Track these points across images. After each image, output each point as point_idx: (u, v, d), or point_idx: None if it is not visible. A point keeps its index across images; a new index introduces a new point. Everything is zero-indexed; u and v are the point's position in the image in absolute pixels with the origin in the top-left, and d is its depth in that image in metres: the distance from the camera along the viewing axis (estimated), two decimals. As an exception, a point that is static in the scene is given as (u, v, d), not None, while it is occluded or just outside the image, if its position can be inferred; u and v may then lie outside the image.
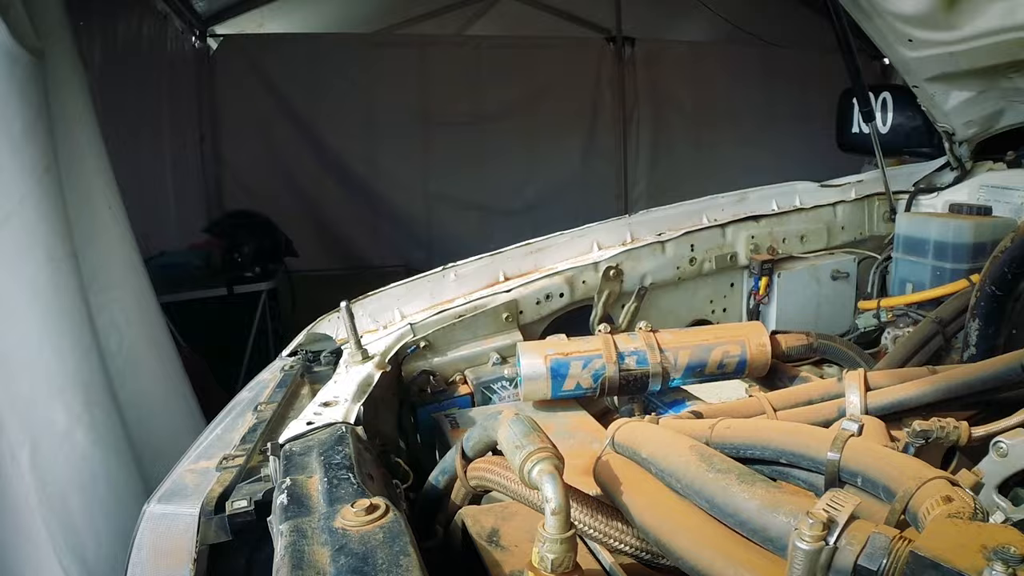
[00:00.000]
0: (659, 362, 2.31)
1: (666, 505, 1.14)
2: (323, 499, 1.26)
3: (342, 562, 1.02)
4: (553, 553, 1.04)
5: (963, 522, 0.97)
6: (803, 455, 1.26)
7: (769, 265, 3.14)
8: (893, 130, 4.00)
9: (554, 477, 1.03)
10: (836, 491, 0.99)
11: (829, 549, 0.91)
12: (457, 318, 2.55)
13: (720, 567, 1.03)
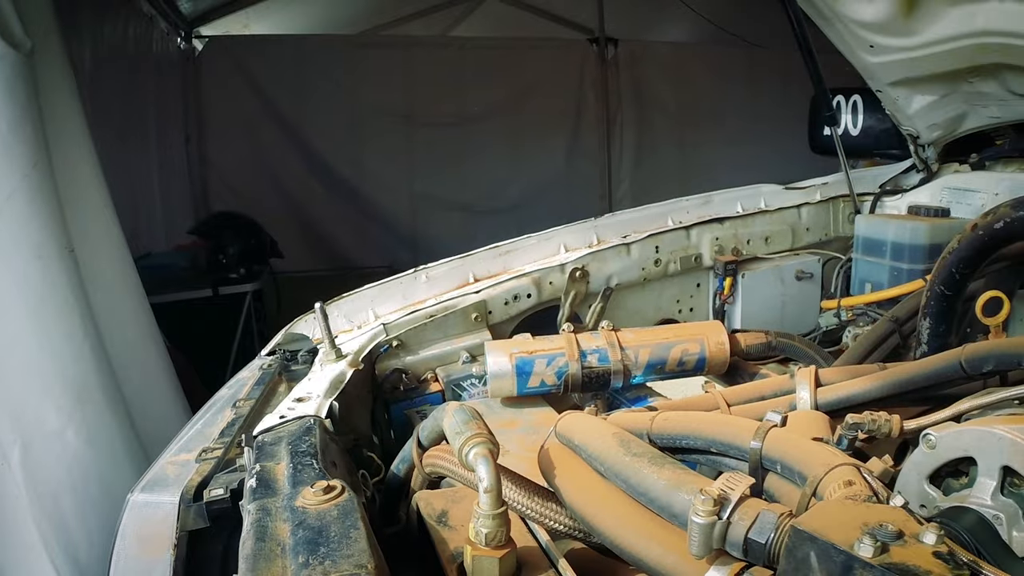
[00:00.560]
0: (620, 360, 2.43)
1: (592, 487, 1.28)
2: (288, 482, 1.40)
3: (300, 535, 1.16)
4: (487, 528, 1.18)
5: (852, 502, 1.11)
6: (731, 444, 1.40)
7: (733, 266, 3.25)
8: (864, 132, 4.09)
9: (487, 460, 1.17)
10: (732, 473, 1.12)
11: (723, 523, 1.04)
12: (428, 318, 2.67)
13: (634, 541, 1.17)
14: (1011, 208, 2.23)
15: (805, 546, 0.96)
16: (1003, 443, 1.42)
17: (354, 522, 1.17)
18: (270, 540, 1.17)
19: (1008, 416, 1.56)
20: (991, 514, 1.40)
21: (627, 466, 1.25)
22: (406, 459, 1.61)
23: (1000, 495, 1.42)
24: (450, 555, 1.28)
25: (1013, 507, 1.41)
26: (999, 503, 1.41)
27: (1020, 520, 1.40)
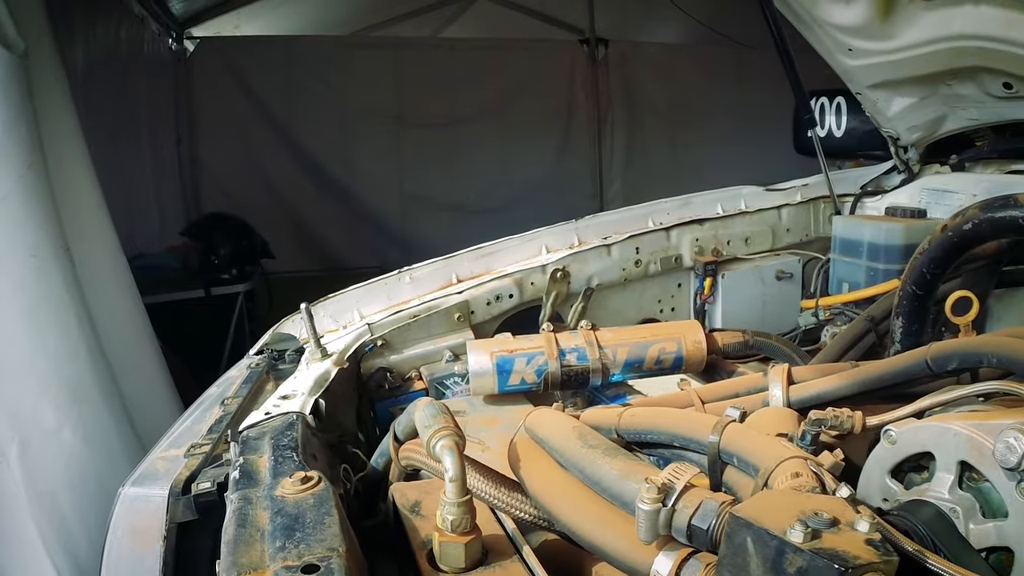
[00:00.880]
0: (598, 358, 2.50)
1: (554, 478, 1.37)
2: (269, 474, 1.49)
3: (278, 522, 1.25)
4: (452, 515, 1.26)
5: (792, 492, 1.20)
6: (691, 439, 1.47)
7: (713, 266, 3.33)
8: (847, 134, 4.18)
9: (452, 451, 1.26)
10: (679, 463, 1.21)
11: (667, 511, 1.12)
12: (412, 318, 2.75)
13: (590, 528, 1.25)
14: (979, 210, 2.26)
15: (742, 532, 1.03)
16: (959, 439, 1.46)
17: (328, 509, 1.26)
18: (250, 526, 1.26)
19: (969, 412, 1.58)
20: (948, 507, 1.45)
21: (583, 457, 1.34)
22: (384, 453, 1.70)
23: (958, 489, 1.47)
24: (420, 542, 1.36)
25: (970, 500, 1.45)
26: (956, 497, 1.46)
27: (977, 513, 1.43)
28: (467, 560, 1.28)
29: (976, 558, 1.37)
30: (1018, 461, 1.32)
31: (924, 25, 2.91)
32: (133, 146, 8.06)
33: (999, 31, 2.73)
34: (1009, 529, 1.38)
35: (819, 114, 4.48)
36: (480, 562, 1.31)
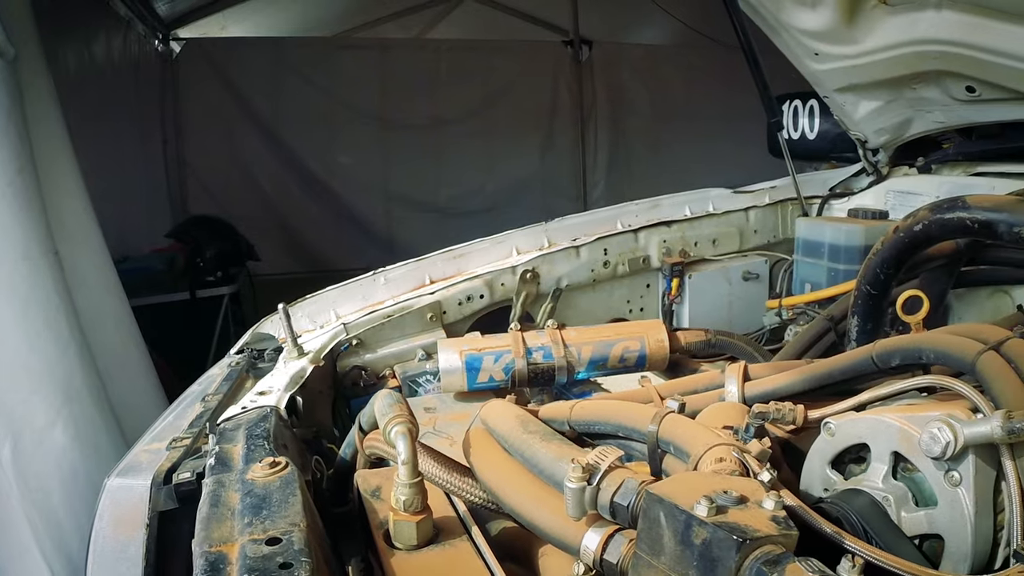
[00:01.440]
0: (564, 356, 2.62)
1: (499, 463, 1.51)
2: (242, 461, 1.63)
3: (247, 501, 1.39)
4: (404, 496, 1.40)
5: (707, 473, 1.33)
6: (633, 428, 1.61)
7: (679, 267, 3.45)
8: (820, 136, 4.29)
9: (405, 436, 1.40)
10: (605, 446, 1.35)
11: (592, 489, 1.26)
12: (386, 318, 2.87)
13: (528, 508, 1.39)
14: (929, 211, 2.31)
15: (656, 507, 1.15)
16: (892, 430, 1.55)
17: (293, 490, 1.40)
18: (222, 506, 1.40)
19: (906, 405, 1.67)
20: (881, 496, 1.53)
21: (523, 443, 1.48)
22: (351, 444, 1.83)
23: (891, 479, 1.55)
24: (378, 523, 1.50)
25: (902, 490, 1.53)
26: (889, 486, 1.54)
27: (909, 502, 1.52)
28: (419, 537, 1.42)
29: (906, 544, 1.46)
30: (942, 451, 1.41)
31: (888, 30, 3.01)
32: (120, 148, 8.08)
33: (961, 36, 2.84)
34: (939, 517, 1.47)
35: (792, 116, 4.58)
36: (431, 540, 1.45)
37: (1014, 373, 1.56)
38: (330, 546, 1.54)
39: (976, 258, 2.86)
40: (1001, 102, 3.13)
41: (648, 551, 1.16)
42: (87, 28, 7.30)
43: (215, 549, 1.25)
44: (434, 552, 1.43)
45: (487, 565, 1.38)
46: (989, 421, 1.39)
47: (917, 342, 1.80)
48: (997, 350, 1.63)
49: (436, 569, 1.37)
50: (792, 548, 1.10)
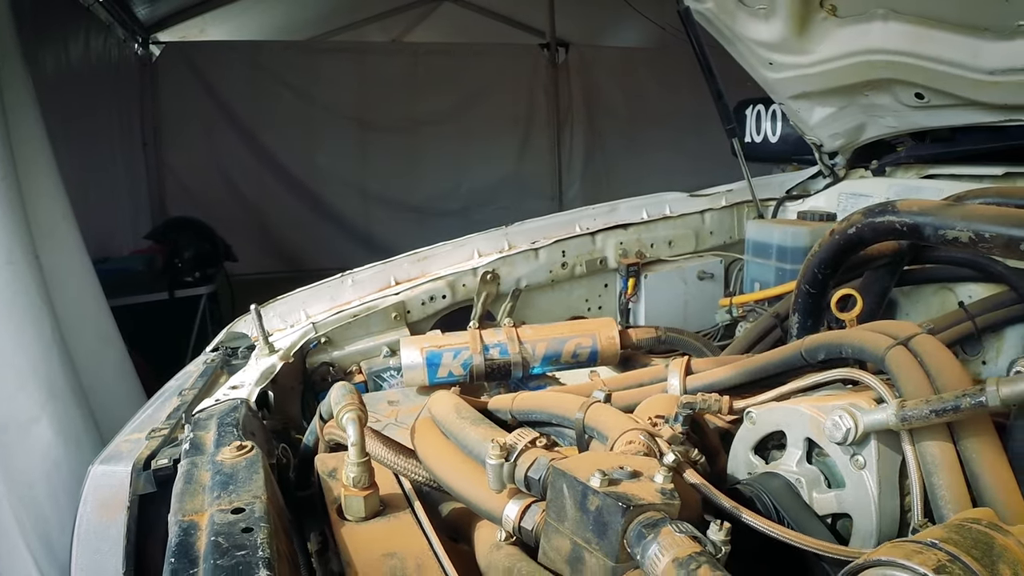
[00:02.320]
0: (519, 352, 2.79)
1: (438, 446, 1.71)
2: (213, 445, 1.83)
3: (216, 479, 1.58)
4: (354, 473, 1.60)
5: (611, 453, 1.53)
6: (564, 416, 1.80)
7: (635, 268, 3.62)
8: (782, 139, 4.45)
9: (355, 422, 1.60)
10: (522, 429, 1.55)
11: (510, 465, 1.46)
12: (353, 317, 3.03)
13: (460, 483, 1.59)
14: (862, 215, 2.39)
15: (560, 480, 1.35)
16: (804, 418, 1.70)
17: (256, 469, 1.60)
18: (195, 483, 1.60)
19: (824, 396, 1.81)
20: (795, 478, 1.69)
21: (456, 426, 1.69)
22: (313, 431, 2.03)
23: (805, 463, 1.70)
24: (333, 499, 1.70)
25: (815, 473, 1.68)
26: (803, 469, 1.69)
27: (820, 484, 1.67)
28: (367, 510, 1.62)
29: (814, 521, 1.60)
30: (843, 436, 1.56)
31: (838, 40, 3.15)
32: (100, 151, 8.19)
33: (907, 46, 2.97)
34: (847, 497, 1.61)
35: (755, 121, 4.75)
36: (378, 513, 1.65)
37: (919, 366, 1.70)
38: (292, 520, 1.74)
39: (922, 257, 2.97)
40: (949, 107, 3.24)
41: (555, 518, 1.36)
42: (67, 32, 7.39)
43: (188, 518, 1.45)
44: (380, 523, 1.63)
45: (425, 534, 1.58)
46: (886, 409, 1.54)
47: (838, 338, 1.94)
48: (906, 345, 1.77)
49: (380, 537, 1.57)
50: (675, 515, 1.26)
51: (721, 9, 3.37)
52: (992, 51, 2.78)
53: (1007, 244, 1.97)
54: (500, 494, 1.50)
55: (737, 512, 1.47)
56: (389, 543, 1.55)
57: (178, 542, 1.37)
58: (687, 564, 1.10)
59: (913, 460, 1.55)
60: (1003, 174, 3.31)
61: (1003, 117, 3.12)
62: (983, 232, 2.00)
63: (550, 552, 1.37)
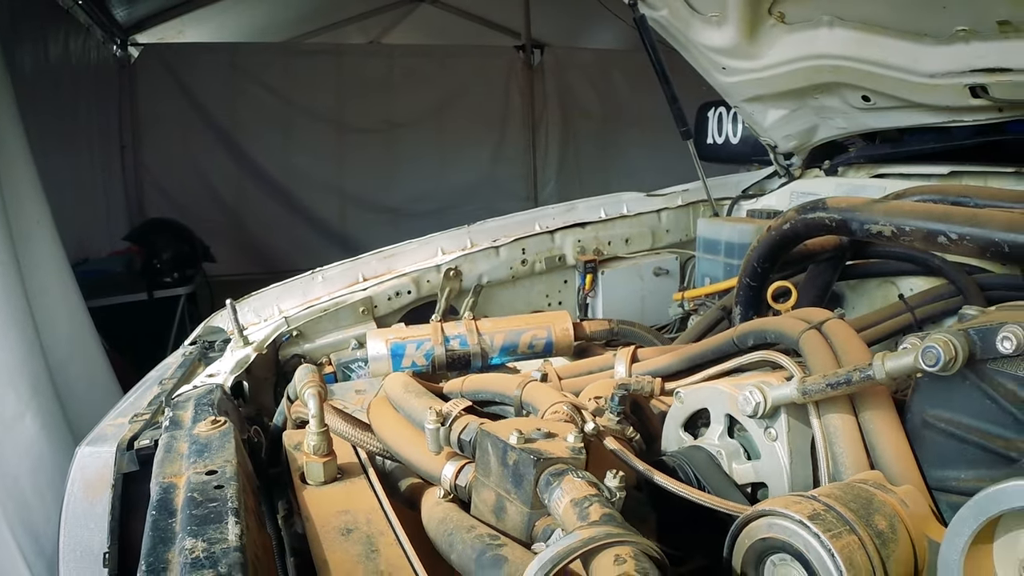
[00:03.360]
0: (478, 344, 2.99)
1: (388, 419, 1.96)
2: (190, 422, 2.07)
3: (193, 448, 1.83)
4: (314, 441, 1.85)
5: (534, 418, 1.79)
6: (504, 395, 2.05)
7: (592, 264, 3.81)
8: (743, 141, 4.56)
9: (314, 396, 1.86)
10: (459, 399, 1.81)
11: (445, 429, 1.71)
12: (323, 312, 3.22)
13: (405, 449, 1.84)
14: (795, 212, 2.56)
15: (486, 440, 1.59)
16: (724, 396, 1.85)
17: (229, 439, 1.85)
18: (174, 452, 1.84)
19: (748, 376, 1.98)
20: (716, 451, 1.85)
21: (403, 400, 1.94)
22: (282, 412, 2.29)
23: (727, 437, 1.86)
24: (297, 467, 1.95)
25: (735, 446, 1.84)
26: (723, 443, 1.85)
27: (740, 456, 1.82)
28: (325, 475, 1.87)
29: (733, 489, 1.76)
30: (754, 410, 1.71)
31: (786, 46, 3.30)
32: (79, 154, 8.30)
33: (852, 51, 3.11)
34: (762, 467, 1.76)
35: (716, 122, 4.87)
36: (336, 478, 1.90)
37: (828, 347, 1.89)
38: (261, 489, 1.99)
39: (866, 253, 3.08)
40: (894, 109, 3.38)
41: (483, 474, 1.60)
42: (46, 34, 7.52)
43: (167, 480, 1.69)
44: (337, 486, 1.88)
45: (376, 495, 1.83)
46: (790, 385, 1.70)
47: (763, 325, 2.11)
48: (819, 329, 1.96)
49: (337, 498, 1.81)
50: (581, 467, 1.49)
51: (675, 17, 3.51)
52: (931, 55, 2.92)
53: (925, 237, 2.15)
54: (439, 457, 1.75)
55: (650, 474, 1.69)
56: (344, 503, 1.79)
57: (159, 499, 1.61)
58: (582, 503, 1.32)
59: (819, 431, 1.72)
60: (948, 173, 3.42)
61: (946, 118, 3.27)
62: (903, 226, 2.19)
63: (479, 504, 1.61)
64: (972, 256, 2.33)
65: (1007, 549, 1.28)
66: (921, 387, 1.70)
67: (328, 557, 1.57)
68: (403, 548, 1.59)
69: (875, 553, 1.38)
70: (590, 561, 1.16)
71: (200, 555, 1.33)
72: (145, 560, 1.37)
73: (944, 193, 2.85)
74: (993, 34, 2.67)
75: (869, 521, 1.43)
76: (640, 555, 1.12)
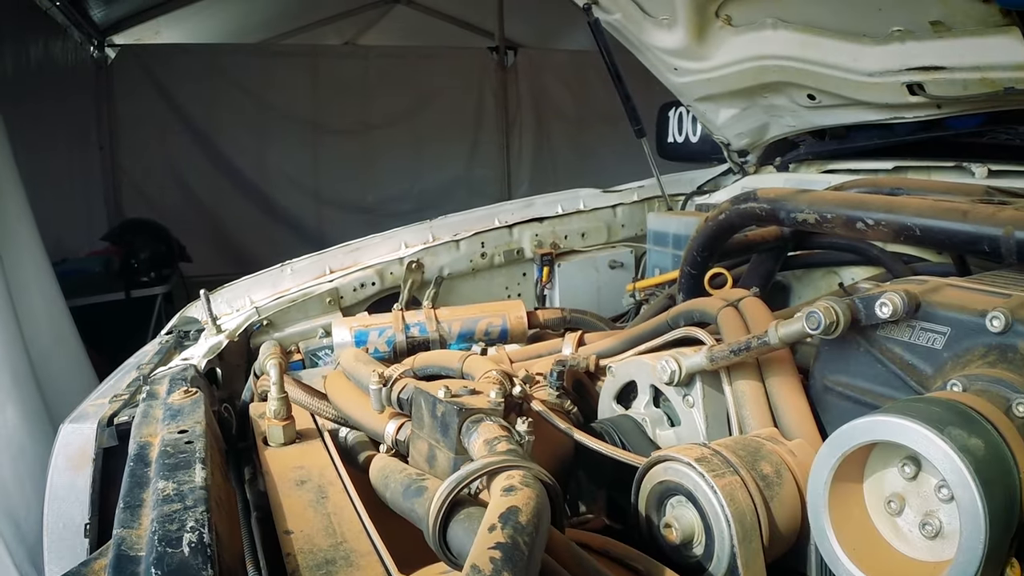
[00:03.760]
0: (436, 331, 3.21)
1: (341, 386, 2.23)
2: (165, 394, 2.33)
3: (167, 413, 2.09)
4: (274, 406, 2.12)
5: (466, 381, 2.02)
6: (448, 368, 2.29)
7: (549, 257, 4.04)
8: (702, 140, 4.75)
9: (275, 365, 2.13)
10: (397, 365, 2.09)
11: (387, 390, 1.98)
12: (292, 302, 3.43)
13: (354, 412, 2.11)
14: (730, 203, 2.68)
15: (419, 396, 1.83)
16: (647, 368, 2.04)
17: (199, 405, 2.11)
18: (150, 417, 2.11)
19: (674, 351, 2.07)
20: (641, 419, 2.05)
21: (353, 368, 2.20)
22: (249, 388, 2.55)
23: (652, 406, 2.06)
24: (260, 432, 2.22)
25: (659, 414, 2.04)
26: (649, 412, 2.06)
27: (663, 423, 2.02)
28: (285, 437, 2.14)
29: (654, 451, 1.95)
30: (669, 378, 1.92)
31: (734, 47, 3.49)
32: (58, 154, 8.44)
33: (796, 52, 3.28)
34: (682, 433, 1.96)
35: (677, 122, 5.11)
36: (294, 440, 2.18)
37: (742, 321, 2.14)
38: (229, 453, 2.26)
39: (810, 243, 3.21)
40: (839, 107, 3.55)
41: (417, 427, 1.85)
42: (24, 35, 7.69)
43: (144, 439, 1.95)
44: (295, 447, 2.15)
45: (330, 455, 2.10)
46: (701, 353, 1.89)
47: (691, 306, 2.33)
48: (735, 306, 2.22)
49: (294, 457, 2.08)
50: (499, 416, 1.73)
51: (628, 20, 3.69)
52: (870, 55, 3.10)
53: (845, 223, 2.31)
54: (383, 416, 2.02)
55: (570, 432, 1.95)
56: (300, 460, 2.06)
57: (135, 454, 1.87)
58: (492, 442, 1.57)
59: (730, 397, 1.92)
60: (893, 168, 3.59)
61: (889, 115, 3.45)
62: (825, 214, 2.34)
63: (415, 454, 1.86)
64: (889, 240, 2.48)
65: (874, 487, 1.42)
66: (822, 355, 1.89)
67: (283, 503, 1.83)
68: (349, 495, 1.85)
69: (758, 493, 1.60)
70: (490, 483, 1.41)
71: (171, 493, 1.59)
72: (123, 499, 1.62)
73: (877, 185, 3.12)
74: (927, 34, 2.85)
75: (754, 466, 1.65)
76: (531, 477, 1.36)
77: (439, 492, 1.36)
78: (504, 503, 1.22)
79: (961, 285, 1.81)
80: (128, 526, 1.50)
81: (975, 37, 2.75)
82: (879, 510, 1.43)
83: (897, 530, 1.41)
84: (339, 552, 1.62)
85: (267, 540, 1.78)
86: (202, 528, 1.42)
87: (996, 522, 1.22)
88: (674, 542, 1.62)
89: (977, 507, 1.21)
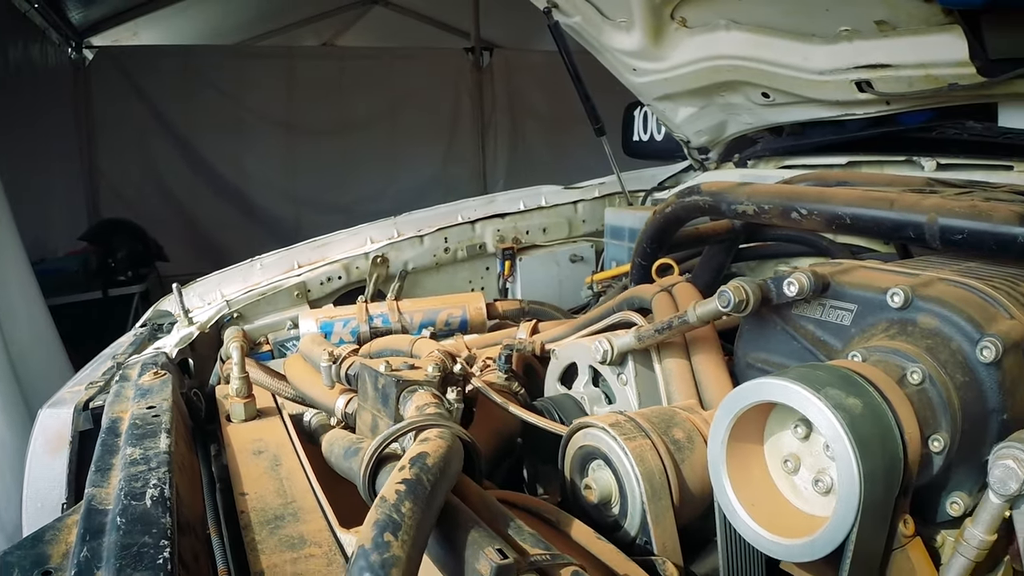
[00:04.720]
0: (398, 321, 3.40)
1: (298, 368, 2.46)
2: (137, 376, 2.54)
3: (137, 392, 2.29)
4: (236, 384, 2.34)
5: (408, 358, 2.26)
6: (400, 350, 2.52)
7: (511, 251, 4.22)
8: (666, 138, 4.89)
9: (237, 348, 2.35)
10: (347, 345, 2.31)
11: (336, 367, 2.20)
12: (261, 296, 3.58)
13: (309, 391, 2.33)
14: (676, 197, 2.80)
15: (364, 372, 2.05)
16: (586, 351, 2.17)
17: (167, 385, 2.32)
18: (121, 396, 2.31)
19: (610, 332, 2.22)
20: (580, 397, 2.21)
21: (309, 350, 2.43)
22: (216, 372, 2.77)
23: (591, 386, 2.20)
24: (225, 412, 2.44)
25: (597, 392, 2.18)
26: (587, 391, 2.21)
27: (601, 401, 2.17)
28: (246, 414, 2.36)
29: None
30: (602, 357, 2.05)
31: (689, 48, 3.59)
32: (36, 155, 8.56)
33: (748, 51, 3.39)
34: (618, 409, 2.05)
35: (642, 121, 5.25)
36: (255, 417, 2.39)
37: (673, 304, 2.32)
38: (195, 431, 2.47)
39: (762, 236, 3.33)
40: (792, 105, 3.66)
41: (362, 400, 2.07)
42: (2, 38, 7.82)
43: (115, 415, 2.16)
44: (255, 424, 2.37)
45: (287, 430, 2.32)
46: (630, 333, 2.04)
47: (632, 293, 2.51)
48: (669, 291, 2.40)
49: (255, 432, 2.30)
50: (434, 388, 1.94)
51: (588, 23, 3.79)
52: (819, 54, 3.20)
53: (781, 213, 2.42)
54: (333, 392, 2.24)
55: (505, 405, 2.15)
56: (259, 434, 2.28)
57: (107, 427, 2.08)
58: (423, 408, 1.79)
59: (660, 374, 2.08)
60: (847, 163, 3.68)
61: (840, 112, 3.56)
62: (763, 205, 2.46)
63: (360, 425, 2.08)
64: (822, 228, 2.61)
65: (773, 448, 1.52)
66: (744, 334, 2.01)
67: (241, 470, 2.05)
68: (301, 462, 2.07)
69: (668, 455, 1.77)
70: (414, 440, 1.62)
71: (137, 457, 1.80)
72: (95, 464, 1.83)
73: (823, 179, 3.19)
74: (873, 33, 2.96)
75: (667, 432, 1.81)
76: (446, 432, 1.57)
77: (368, 448, 1.58)
78: (416, 449, 1.42)
79: (874, 267, 1.93)
80: (98, 485, 1.70)
81: (919, 36, 2.86)
82: (778, 469, 1.52)
83: (795, 488, 1.51)
84: (288, 510, 1.83)
85: (226, 503, 1.97)
86: (164, 485, 1.63)
87: (874, 478, 1.30)
88: (593, 501, 1.79)
89: (851, 460, 1.29)
